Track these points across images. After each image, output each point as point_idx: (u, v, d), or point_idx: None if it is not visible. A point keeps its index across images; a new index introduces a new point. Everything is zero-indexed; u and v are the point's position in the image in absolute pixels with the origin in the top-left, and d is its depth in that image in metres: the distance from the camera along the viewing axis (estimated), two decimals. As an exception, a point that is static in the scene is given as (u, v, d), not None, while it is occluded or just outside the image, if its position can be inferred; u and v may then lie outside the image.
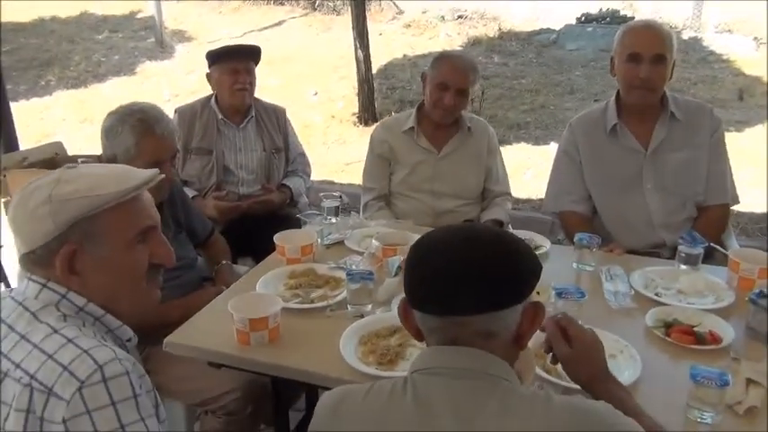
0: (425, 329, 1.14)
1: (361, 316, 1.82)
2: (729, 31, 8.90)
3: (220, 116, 3.06)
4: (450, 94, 2.72)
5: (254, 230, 2.79)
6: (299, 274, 2.05)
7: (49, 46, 9.97)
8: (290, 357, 1.65)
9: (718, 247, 2.15)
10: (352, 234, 2.36)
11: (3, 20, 10.63)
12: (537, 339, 1.63)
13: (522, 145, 6.05)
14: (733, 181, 2.64)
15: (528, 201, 4.84)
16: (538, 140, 6.13)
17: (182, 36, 10.21)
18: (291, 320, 1.79)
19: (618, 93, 2.61)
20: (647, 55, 2.42)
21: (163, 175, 1.28)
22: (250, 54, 3.09)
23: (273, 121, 3.21)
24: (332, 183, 5.49)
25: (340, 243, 2.32)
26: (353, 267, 1.99)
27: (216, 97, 3.10)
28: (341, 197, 2.48)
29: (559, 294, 1.74)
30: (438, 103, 2.76)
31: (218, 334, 1.73)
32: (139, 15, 11.13)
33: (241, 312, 1.67)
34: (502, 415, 1.03)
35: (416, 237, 1.22)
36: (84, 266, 1.16)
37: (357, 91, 6.81)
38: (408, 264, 1.16)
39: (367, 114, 6.67)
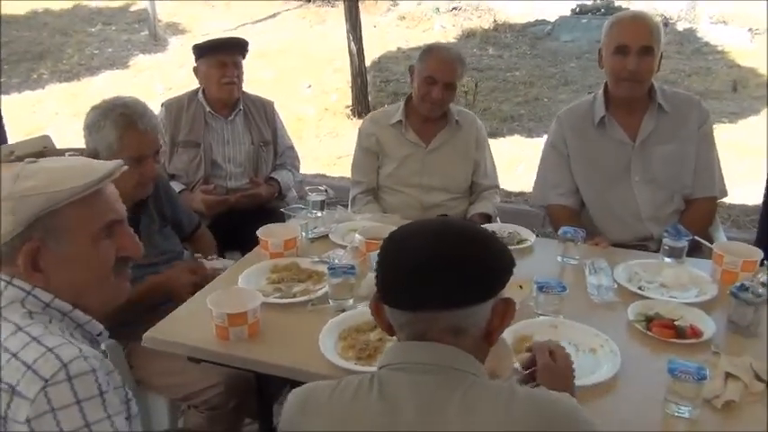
0: (396, 324, 1.14)
1: (343, 310, 1.81)
2: (724, 22, 8.87)
3: (208, 109, 3.04)
4: (438, 88, 2.71)
5: (241, 224, 2.75)
6: (281, 268, 2.04)
7: (42, 39, 9.92)
8: (270, 353, 1.64)
9: (702, 240, 2.14)
10: (337, 228, 2.35)
11: (-4, 13, 10.62)
12: (515, 333, 1.65)
13: (516, 137, 6.04)
14: (721, 174, 2.63)
15: (521, 194, 4.83)
16: (531, 133, 6.11)
17: (175, 29, 10.16)
18: (272, 315, 1.79)
19: (606, 85, 2.60)
20: (635, 47, 2.40)
21: (125, 167, 1.26)
22: (237, 47, 3.07)
23: (262, 114, 3.20)
24: (324, 176, 5.48)
25: (324, 237, 2.31)
26: (336, 261, 1.98)
27: (203, 90, 3.08)
28: (326, 191, 2.46)
29: (541, 288, 1.74)
30: (426, 97, 2.75)
31: (198, 329, 1.73)
32: (133, 8, 11.08)
33: (220, 307, 1.66)
34: (465, 409, 1.02)
35: None
36: (48, 263, 1.15)
37: (351, 84, 6.78)
38: (379, 258, 1.15)
39: (360, 107, 6.65)
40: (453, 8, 9.79)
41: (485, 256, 1.10)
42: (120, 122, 2.04)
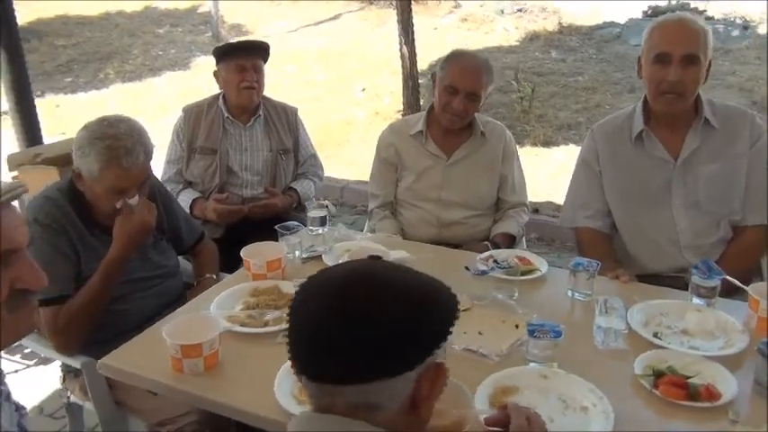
0: (305, 391, 0.97)
1: (316, 344, 1.65)
2: (813, 25, 8.20)
3: (226, 115, 2.95)
4: (460, 98, 2.52)
5: (256, 236, 2.65)
6: (261, 291, 1.90)
7: (111, 40, 10.24)
8: (223, 391, 1.51)
9: (733, 280, 1.86)
10: (333, 248, 2.19)
11: (71, 13, 11.06)
12: (496, 382, 1.45)
13: (570, 147, 5.71)
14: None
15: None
16: (582, 146, 5.78)
17: (239, 30, 10.27)
18: (239, 345, 1.65)
19: (645, 97, 2.34)
20: (677, 55, 2.14)
21: (25, 190, 1.13)
22: (258, 51, 2.95)
23: (283, 121, 3.07)
24: (367, 183, 5.33)
25: (318, 258, 2.16)
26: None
27: (224, 96, 2.99)
28: (328, 206, 2.31)
29: (532, 333, 1.52)
30: (446, 108, 2.56)
31: (156, 359, 1.61)
32: (200, 10, 11.29)
33: (175, 337, 1.54)
34: None
35: (401, 254, 1.05)
36: None
37: (402, 87, 6.61)
38: (290, 309, 0.99)
39: (411, 111, 6.46)
40: (518, 9, 9.47)
41: (400, 321, 0.91)
42: (103, 156, 1.92)
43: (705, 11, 8.33)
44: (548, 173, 5.07)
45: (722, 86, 6.83)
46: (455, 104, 2.53)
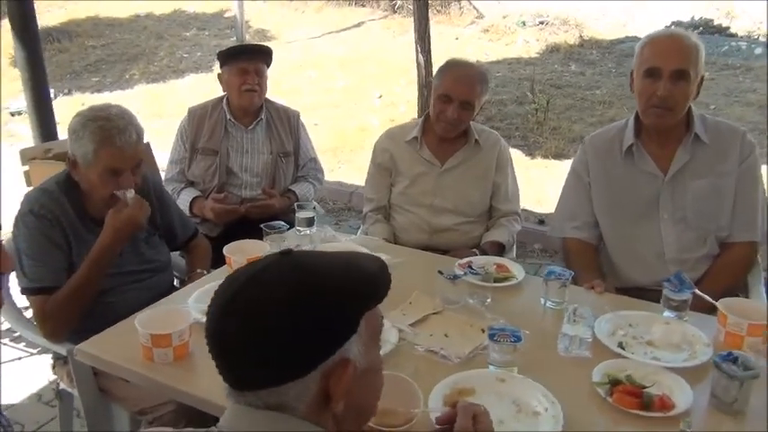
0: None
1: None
2: (840, 45, 8.07)
3: (229, 117, 3.01)
4: (454, 107, 2.55)
5: (252, 236, 2.71)
6: (239, 288, 1.94)
7: (139, 41, 10.45)
8: (190, 381, 1.55)
9: (702, 294, 1.86)
10: (318, 249, 2.23)
11: (102, 15, 11.31)
12: (455, 384, 1.47)
13: (583, 160, 5.69)
14: (766, 216, 2.31)
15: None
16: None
17: (263, 35, 10.41)
18: (211, 339, 1.69)
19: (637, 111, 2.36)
20: (667, 70, 2.15)
21: None
22: (260, 54, 3.02)
23: (285, 125, 3.13)
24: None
25: (302, 257, 2.20)
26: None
27: (227, 98, 3.06)
28: (315, 208, 2.35)
29: (492, 336, 1.55)
30: (440, 116, 2.59)
31: (131, 349, 1.66)
32: (228, 14, 11.46)
33: (147, 327, 1.59)
34: None
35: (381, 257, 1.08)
36: None
37: (417, 96, 6.65)
38: None
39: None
40: (540, 22, 9.47)
41: (285, 331, 0.89)
42: (97, 135, 1.99)
43: (729, 28, 8.24)
44: (556, 185, 5.05)
45: (741, 104, 6.76)
46: (449, 113, 2.57)
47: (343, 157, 6.18)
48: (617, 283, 2.31)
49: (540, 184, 5.12)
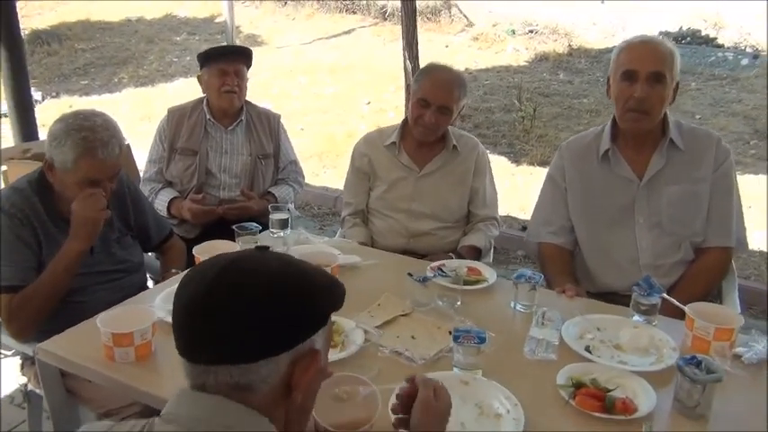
0: (183, 369, 1.00)
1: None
2: (825, 56, 8.13)
3: (209, 117, 3.00)
4: (431, 112, 2.55)
5: (231, 238, 2.70)
6: (208, 288, 1.93)
7: (129, 45, 10.43)
8: (153, 381, 1.53)
9: (670, 298, 1.86)
10: (290, 251, 2.22)
11: (93, 18, 11.28)
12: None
13: (568, 167, 5.71)
14: (742, 223, 2.32)
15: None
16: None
17: (254, 40, 10.40)
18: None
19: (614, 117, 2.36)
20: (644, 72, 2.16)
21: None
22: (240, 56, 3.01)
23: (265, 127, 3.12)
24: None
25: (274, 259, 2.19)
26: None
27: (207, 99, 3.05)
28: (289, 210, 2.34)
29: (456, 338, 1.54)
30: (418, 120, 2.59)
31: (93, 348, 1.64)
32: (218, 19, 11.45)
33: (110, 326, 1.57)
34: None
35: (353, 259, 1.10)
36: None
37: (405, 102, 6.67)
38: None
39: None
40: (530, 30, 9.51)
41: (263, 308, 0.93)
42: (79, 146, 1.96)
43: (716, 38, 8.30)
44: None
45: (726, 114, 6.80)
46: (426, 117, 2.56)
47: (329, 162, 6.17)
48: (591, 288, 2.31)
49: (524, 191, 5.13)
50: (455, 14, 10.13)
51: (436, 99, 2.55)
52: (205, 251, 2.04)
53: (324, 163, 6.08)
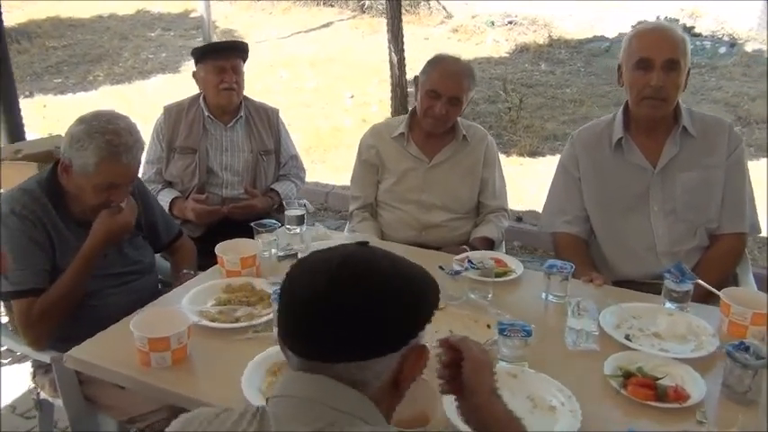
0: (291, 365, 1.00)
1: (287, 340, 1.63)
2: (798, 44, 8.30)
3: (207, 114, 2.93)
4: (442, 103, 2.52)
5: (235, 236, 2.63)
6: (234, 288, 1.89)
7: (102, 42, 10.21)
8: (189, 385, 1.49)
9: (706, 285, 1.86)
10: (311, 247, 2.17)
11: (63, 16, 11.03)
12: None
13: (557, 157, 5.71)
14: (755, 208, 2.34)
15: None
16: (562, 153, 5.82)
17: (231, 35, 10.25)
18: (208, 341, 1.63)
19: (626, 104, 2.36)
20: (659, 60, 2.16)
21: None
22: (236, 51, 2.94)
23: (265, 122, 3.06)
24: (351, 188, 5.34)
25: (294, 256, 2.15)
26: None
27: (204, 96, 2.98)
28: (305, 206, 2.30)
29: (502, 331, 1.51)
30: (428, 112, 2.56)
31: (125, 353, 1.59)
32: (193, 14, 11.27)
33: (143, 330, 1.52)
34: None
35: None
36: None
37: (391, 95, 6.63)
38: (280, 290, 1.03)
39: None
40: (509, 22, 9.53)
41: (385, 306, 0.94)
42: (103, 151, 1.90)
43: (693, 27, 8.40)
44: (533, 182, 5.08)
45: (708, 101, 6.90)
46: (437, 109, 2.54)
47: (317, 156, 6.11)
48: (610, 277, 2.30)
49: (516, 181, 5.12)
50: (434, 6, 10.11)
51: (447, 90, 2.52)
52: (228, 250, 2.00)
53: (312, 158, 6.01)
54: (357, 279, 0.95)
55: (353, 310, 0.92)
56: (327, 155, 6.10)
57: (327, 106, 7.44)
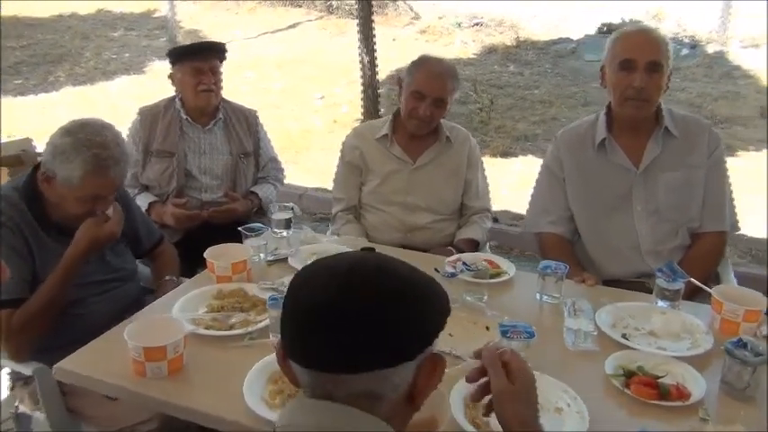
0: (300, 381, 0.94)
1: (283, 347, 1.60)
2: (756, 45, 8.52)
3: (185, 117, 2.87)
4: (426, 104, 2.51)
5: (216, 241, 2.58)
6: (225, 294, 1.84)
7: (63, 42, 9.95)
8: (187, 394, 1.45)
9: (698, 283, 1.89)
10: (299, 251, 2.14)
11: (22, 15, 10.72)
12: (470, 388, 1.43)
13: (529, 158, 5.79)
14: (733, 206, 2.39)
15: (528, 216, 4.58)
16: (545, 153, 5.86)
17: (195, 36, 10.09)
18: (203, 349, 1.59)
19: (609, 105, 2.38)
20: (642, 62, 2.19)
21: None
22: (214, 52, 2.88)
23: (243, 124, 3.02)
24: (326, 190, 5.30)
25: (284, 261, 2.11)
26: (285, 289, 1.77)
27: (181, 98, 2.91)
28: (293, 209, 2.27)
29: (505, 333, 1.51)
30: (413, 113, 2.55)
31: (116, 363, 1.54)
32: (156, 14, 11.08)
33: (137, 339, 1.47)
34: None
35: None
36: None
37: (362, 96, 6.60)
38: (284, 299, 0.96)
39: (371, 120, 6.46)
40: (476, 23, 9.59)
41: (402, 313, 0.89)
42: (90, 164, 1.84)
43: (657, 29, 8.56)
44: (506, 183, 5.12)
45: (672, 102, 7.02)
46: (422, 110, 2.53)
47: (289, 158, 6.04)
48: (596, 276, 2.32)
49: (490, 182, 5.15)
50: (401, 7, 10.11)
51: (431, 91, 2.51)
52: (218, 255, 1.95)
53: (283, 160, 5.93)
54: (371, 282, 0.90)
55: (368, 316, 0.88)
56: (299, 156, 6.05)
57: (297, 108, 7.38)
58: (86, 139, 1.84)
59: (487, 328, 1.67)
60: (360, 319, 0.88)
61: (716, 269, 2.40)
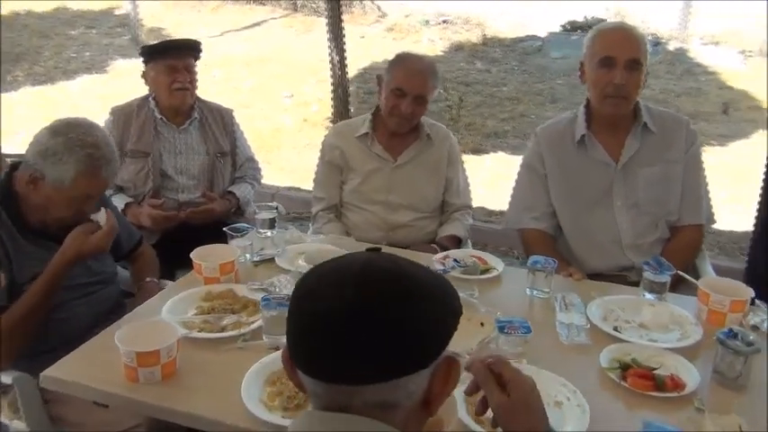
0: (309, 391, 0.90)
1: (278, 348, 1.58)
2: (716, 43, 8.74)
3: (159, 116, 2.81)
4: (408, 101, 2.51)
5: (194, 241, 2.53)
6: (214, 296, 1.81)
7: (20, 40, 9.66)
8: (183, 399, 1.41)
9: (685, 275, 1.93)
10: (285, 251, 2.12)
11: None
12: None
13: (500, 154, 5.85)
14: (709, 200, 2.44)
15: (502, 213, 4.61)
16: (515, 150, 5.90)
17: (159, 34, 9.90)
18: (196, 352, 1.56)
19: (588, 101, 2.41)
20: (622, 59, 2.21)
21: None
22: (189, 49, 2.84)
23: (219, 123, 2.97)
24: (298, 189, 5.27)
25: (270, 261, 2.08)
26: (278, 289, 1.75)
27: (155, 97, 2.85)
28: (277, 208, 2.24)
29: (502, 329, 1.51)
30: (394, 110, 2.54)
31: (105, 369, 1.49)
32: (117, 12, 10.84)
33: (129, 344, 1.43)
34: None
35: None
36: None
37: (332, 95, 6.57)
38: (289, 306, 0.92)
39: (340, 119, 6.40)
40: (443, 21, 9.63)
41: (418, 315, 0.86)
42: (83, 164, 1.81)
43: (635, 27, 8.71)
44: (479, 179, 5.15)
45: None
46: (403, 107, 2.52)
47: (261, 157, 5.94)
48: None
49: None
50: (367, 5, 10.09)
51: (412, 88, 2.51)
52: (205, 256, 1.91)
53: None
54: (385, 285, 0.86)
55: (383, 322, 0.84)
56: (271, 155, 5.98)
57: (267, 107, 7.31)
58: (78, 138, 1.81)
59: (482, 324, 1.68)
60: (382, 325, 0.83)
61: (694, 261, 2.45)
